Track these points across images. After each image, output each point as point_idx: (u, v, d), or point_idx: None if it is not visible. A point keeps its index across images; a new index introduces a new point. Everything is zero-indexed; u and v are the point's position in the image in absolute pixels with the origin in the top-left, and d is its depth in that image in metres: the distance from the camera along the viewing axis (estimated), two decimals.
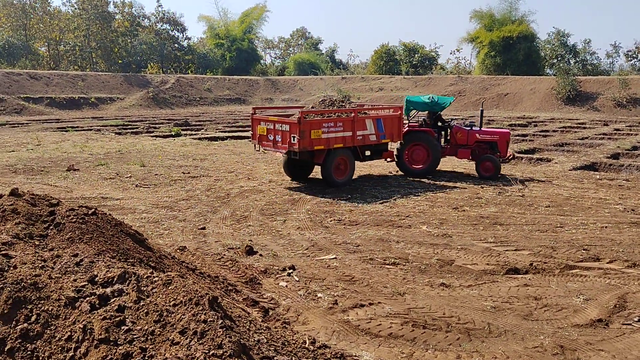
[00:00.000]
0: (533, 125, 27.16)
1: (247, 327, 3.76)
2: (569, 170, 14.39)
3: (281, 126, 11.55)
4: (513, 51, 51.36)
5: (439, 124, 13.90)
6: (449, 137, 13.81)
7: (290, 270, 6.57)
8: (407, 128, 13.38)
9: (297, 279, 6.29)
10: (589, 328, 5.08)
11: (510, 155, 13.81)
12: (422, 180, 12.93)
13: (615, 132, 23.28)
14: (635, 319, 5.25)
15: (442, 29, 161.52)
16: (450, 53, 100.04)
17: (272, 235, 8.19)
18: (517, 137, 21.00)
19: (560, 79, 41.01)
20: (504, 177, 13.20)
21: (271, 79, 56.39)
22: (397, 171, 13.91)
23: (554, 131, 23.77)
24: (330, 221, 9.04)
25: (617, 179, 13.08)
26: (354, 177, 12.66)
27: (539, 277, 6.46)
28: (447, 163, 15.02)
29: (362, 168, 14.56)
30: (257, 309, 5.27)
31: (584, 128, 25.58)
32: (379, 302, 5.61)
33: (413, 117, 14.17)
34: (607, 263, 6.96)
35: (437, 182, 12.62)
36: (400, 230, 8.50)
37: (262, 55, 76.61)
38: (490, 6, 55.43)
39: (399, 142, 13.25)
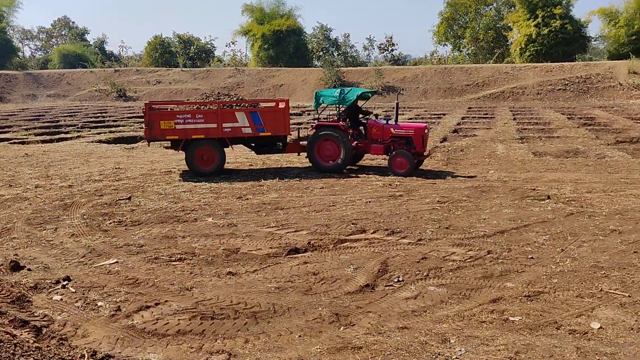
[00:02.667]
0: (307, 114, 29.12)
1: (12, 351, 3.37)
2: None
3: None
4: (284, 44, 53.92)
5: (360, 118, 13.53)
6: (366, 133, 13.36)
7: (65, 282, 6.04)
8: (316, 122, 13.09)
9: (74, 290, 5.81)
10: (359, 294, 5.69)
11: (429, 151, 13.58)
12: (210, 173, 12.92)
13: (374, 117, 26.12)
14: (396, 280, 6.04)
15: (216, 21, 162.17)
16: (226, 45, 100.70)
17: (41, 247, 7.40)
18: (294, 126, 22.24)
19: (326, 70, 44.46)
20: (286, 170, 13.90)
21: (32, 74, 50.36)
22: (182, 165, 13.66)
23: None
24: (110, 224, 8.52)
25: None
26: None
27: (317, 254, 7.00)
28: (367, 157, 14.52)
29: (145, 166, 13.97)
30: (28, 329, 4.76)
31: None
32: (166, 301, 5.51)
33: (323, 111, 13.90)
34: (372, 233, 7.86)
35: (222, 174, 12.73)
36: (186, 225, 8.41)
37: (19, 47, 67.90)
38: (260, 0, 57.21)
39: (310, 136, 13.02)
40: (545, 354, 4.37)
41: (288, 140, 13.48)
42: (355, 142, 12.97)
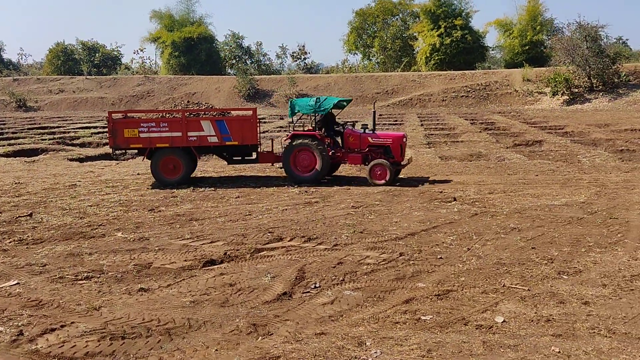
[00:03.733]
0: None
1: None
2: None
3: None
4: (195, 52, 53.01)
5: (336, 127, 13.19)
6: (343, 142, 12.99)
7: None
8: (292, 132, 12.66)
9: None
10: (276, 302, 5.69)
11: (408, 160, 13.20)
12: (116, 184, 12.40)
13: (289, 124, 26.27)
14: (312, 287, 6.10)
15: (123, 27, 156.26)
16: (134, 52, 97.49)
17: None
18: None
19: (240, 78, 44.20)
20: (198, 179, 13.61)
21: None
22: (88, 178, 13.00)
23: None
24: (10, 242, 7.95)
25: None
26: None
27: (233, 264, 6.92)
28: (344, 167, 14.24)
29: (45, 180, 13.17)
30: None
31: (265, 122, 28.18)
32: (73, 322, 5.21)
33: (298, 120, 13.36)
34: (289, 241, 7.88)
35: (131, 186, 12.26)
36: (93, 241, 8.01)
37: None
38: (168, 7, 55.96)
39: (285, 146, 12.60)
40: (454, 350, 4.58)
41: (261, 150, 13.23)
42: (332, 151, 12.62)
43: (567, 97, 36.70)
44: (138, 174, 14.12)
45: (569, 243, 7.46)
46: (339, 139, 13.01)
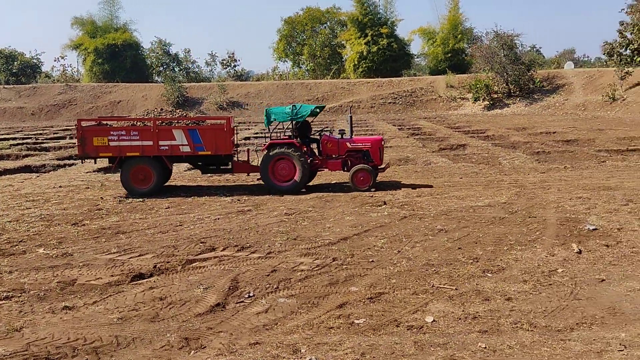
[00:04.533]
0: None
1: None
2: (183, 171, 15.40)
3: None
4: (120, 59, 51.38)
5: (311, 135, 12.97)
6: (320, 149, 12.81)
7: None
8: (269, 141, 12.24)
9: None
10: (209, 314, 5.59)
11: (386, 164, 13.20)
12: (37, 198, 11.77)
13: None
14: (246, 296, 6.04)
15: (42, 35, 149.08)
16: (55, 60, 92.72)
17: None
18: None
19: (168, 86, 43.23)
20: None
21: None
22: (6, 193, 12.25)
23: None
24: None
25: (221, 176, 14.70)
26: None
27: (164, 278, 6.73)
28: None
29: None
30: None
31: None
32: None
33: (274, 129, 12.76)
34: (221, 251, 7.77)
35: (41, 197, 11.68)
36: (13, 259, 7.56)
37: None
38: (90, 13, 53.84)
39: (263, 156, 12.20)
40: (387, 351, 4.67)
41: (237, 159, 12.96)
42: (310, 159, 12.39)
43: (488, 103, 38.46)
44: (60, 186, 13.48)
45: (492, 242, 7.81)
46: (313, 146, 12.96)
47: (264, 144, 12.42)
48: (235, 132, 12.95)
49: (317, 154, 12.83)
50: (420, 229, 8.65)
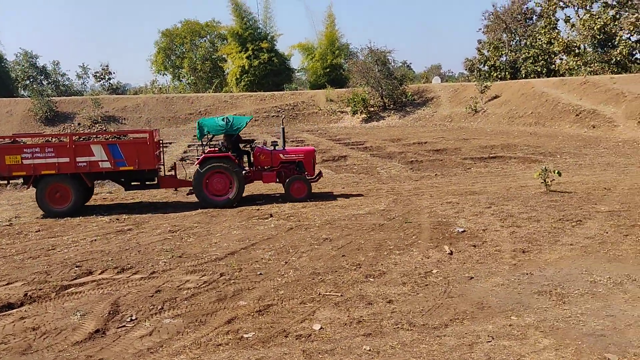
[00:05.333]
0: None
1: None
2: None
3: None
4: None
5: (241, 146, 12.67)
6: (252, 161, 12.54)
7: None
8: (202, 155, 11.83)
9: None
10: (88, 342, 5.28)
11: (317, 173, 13.03)
12: None
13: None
14: (128, 320, 5.79)
15: None
16: None
17: None
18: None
19: (35, 101, 40.15)
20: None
21: None
22: None
23: None
24: None
25: (102, 192, 13.93)
26: None
27: (36, 306, 6.25)
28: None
29: None
30: None
31: None
32: None
33: (207, 142, 12.34)
34: (99, 274, 7.37)
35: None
36: None
37: None
38: None
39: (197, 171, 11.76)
40: None
41: (162, 174, 12.41)
42: (243, 171, 12.16)
43: (365, 116, 40.19)
44: None
45: (373, 248, 8.19)
46: (245, 158, 12.90)
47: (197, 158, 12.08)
48: (160, 145, 12.53)
49: (248, 165, 12.80)
50: (306, 239, 8.83)
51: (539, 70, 41.64)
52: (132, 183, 12.37)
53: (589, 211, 9.85)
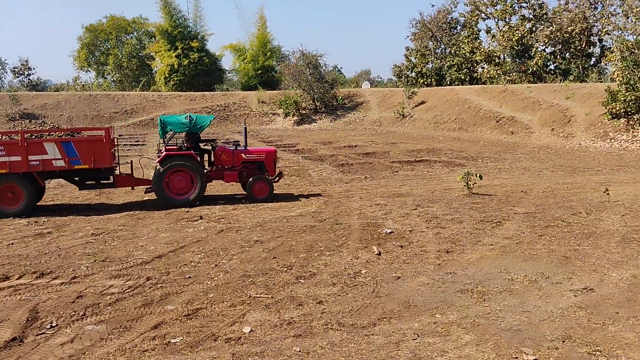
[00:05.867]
0: None
1: None
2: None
3: None
4: None
5: (201, 145, 12.48)
6: (212, 160, 12.40)
7: None
8: (164, 152, 11.58)
9: None
10: (4, 350, 4.99)
11: (278, 174, 12.95)
12: None
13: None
14: (48, 326, 5.52)
15: None
16: None
17: None
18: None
19: None
20: None
21: None
22: None
23: None
24: None
25: None
26: None
27: None
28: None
29: None
30: None
31: None
32: None
33: (169, 140, 11.96)
34: (17, 279, 6.98)
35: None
36: None
37: None
38: None
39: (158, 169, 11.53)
40: None
41: (118, 173, 12.04)
42: (205, 170, 12.02)
43: (297, 118, 40.33)
44: None
45: (304, 249, 8.25)
46: (205, 157, 12.71)
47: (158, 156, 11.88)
48: (115, 143, 12.10)
49: (208, 164, 12.67)
50: (237, 242, 8.76)
51: (463, 77, 43.39)
52: (87, 182, 11.94)
53: (508, 213, 10.40)
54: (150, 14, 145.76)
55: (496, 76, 40.20)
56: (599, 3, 37.89)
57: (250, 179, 12.22)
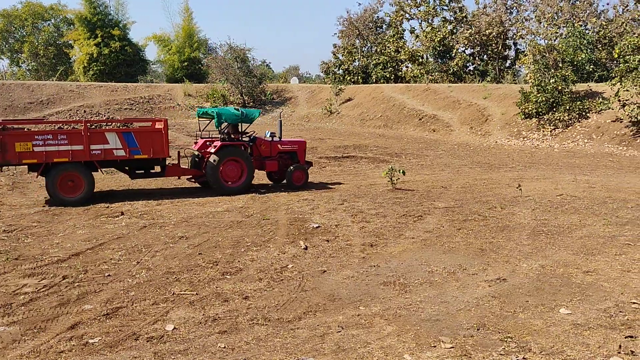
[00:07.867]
0: None
1: None
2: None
3: None
4: None
5: (242, 137, 13.14)
6: (251, 151, 13.13)
7: None
8: (220, 143, 12.32)
9: None
10: None
11: (309, 163, 13.90)
12: None
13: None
14: None
15: None
16: None
17: None
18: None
19: None
20: None
21: None
22: None
23: None
24: None
25: None
26: None
27: None
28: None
29: None
30: None
31: None
32: None
33: (224, 130, 12.92)
34: None
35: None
36: None
37: None
38: None
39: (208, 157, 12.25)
40: None
41: (168, 163, 12.40)
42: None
43: None
44: None
45: (230, 245, 8.18)
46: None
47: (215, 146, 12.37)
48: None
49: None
50: (161, 238, 8.55)
51: (388, 76, 44.41)
52: (137, 172, 12.23)
53: (429, 207, 10.80)
54: (69, 1, 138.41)
55: (419, 75, 41.45)
56: (515, 8, 39.96)
57: (291, 167, 13.16)
